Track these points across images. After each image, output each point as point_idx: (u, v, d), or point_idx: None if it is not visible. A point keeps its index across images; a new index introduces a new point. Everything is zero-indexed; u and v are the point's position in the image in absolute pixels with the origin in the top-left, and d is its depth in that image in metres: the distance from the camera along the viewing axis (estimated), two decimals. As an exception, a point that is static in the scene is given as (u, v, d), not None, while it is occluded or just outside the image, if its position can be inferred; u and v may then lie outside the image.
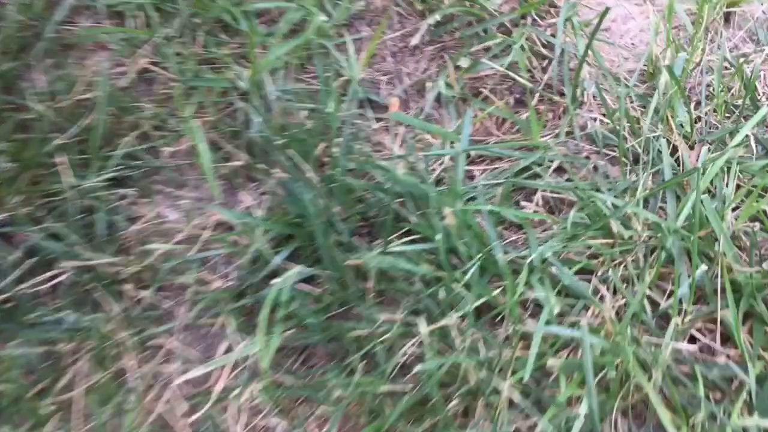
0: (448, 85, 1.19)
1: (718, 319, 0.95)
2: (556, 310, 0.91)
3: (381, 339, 0.93)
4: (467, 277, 0.94)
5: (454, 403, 0.89)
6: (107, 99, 1.14)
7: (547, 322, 0.91)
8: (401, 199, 1.04)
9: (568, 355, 0.92)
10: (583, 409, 0.85)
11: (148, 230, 1.08)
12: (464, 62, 1.22)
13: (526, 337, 0.92)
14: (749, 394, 0.89)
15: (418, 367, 0.87)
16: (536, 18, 1.27)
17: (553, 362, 0.88)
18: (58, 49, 1.23)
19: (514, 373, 0.88)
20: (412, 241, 1.01)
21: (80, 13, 1.30)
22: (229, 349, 0.97)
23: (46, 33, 1.22)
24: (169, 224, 1.10)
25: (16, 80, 1.17)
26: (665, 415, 0.86)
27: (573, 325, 0.92)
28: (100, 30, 1.25)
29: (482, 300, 0.94)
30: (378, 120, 1.19)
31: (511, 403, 0.88)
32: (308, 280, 1.01)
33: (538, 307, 0.96)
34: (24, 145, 1.08)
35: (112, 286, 1.01)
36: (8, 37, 1.21)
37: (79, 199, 1.05)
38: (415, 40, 1.25)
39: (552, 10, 1.28)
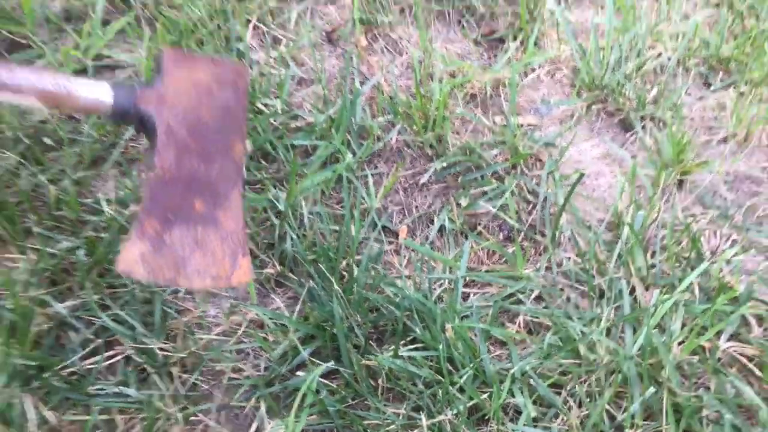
0: (450, 219, 1.44)
1: (663, 433, 1.16)
2: (533, 415, 1.12)
3: (388, 428, 1.13)
4: (461, 381, 1.15)
5: (445, 487, 1.08)
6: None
7: (524, 425, 1.13)
8: (408, 312, 1.26)
9: (540, 453, 1.12)
10: (550, 498, 1.05)
11: (192, 322, 1.28)
12: (464, 201, 1.46)
13: (506, 436, 1.13)
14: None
15: (422, 452, 1.07)
16: (524, 169, 1.53)
17: (528, 457, 1.08)
18: (126, 161, 1.46)
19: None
20: (416, 349, 1.22)
21: (143, 131, 1.53)
22: (258, 429, 1.16)
23: (117, 148, 1.46)
24: (209, 318, 1.30)
25: (91, 186, 1.40)
26: None
27: (546, 429, 1.13)
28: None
29: (473, 402, 1.15)
30: (389, 243, 1.42)
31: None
32: (325, 375, 1.22)
33: (517, 412, 1.17)
34: (96, 243, 1.28)
35: (163, 368, 1.20)
36: (84, 150, 1.44)
37: (140, 291, 1.26)
38: (423, 179, 1.50)
39: (538, 163, 1.54)
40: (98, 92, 1.05)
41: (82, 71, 1.62)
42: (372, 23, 1.75)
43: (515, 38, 1.76)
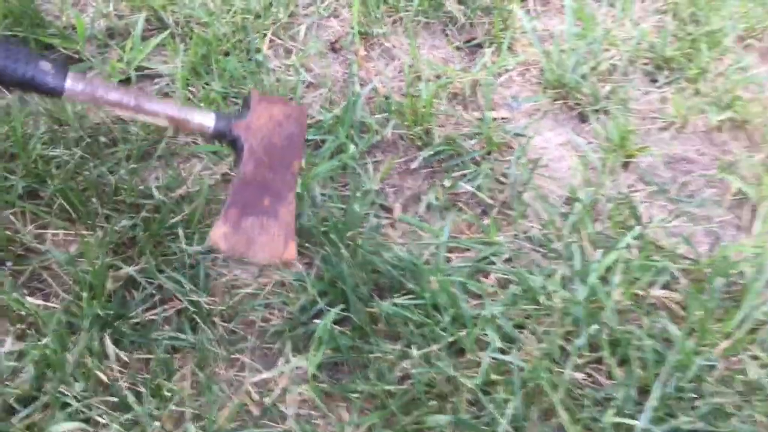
0: (436, 198, 1.75)
1: (604, 361, 1.47)
2: (498, 345, 1.44)
3: (387, 358, 1.45)
4: (444, 322, 1.47)
5: (432, 403, 1.40)
6: (204, 192, 1.68)
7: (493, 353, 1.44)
8: (402, 272, 1.58)
9: (506, 375, 1.44)
10: (510, 408, 1.37)
11: (229, 282, 1.60)
12: (447, 182, 1.78)
13: (479, 364, 1.44)
14: (618, 407, 1.41)
15: (412, 371, 1.39)
16: (498, 155, 1.84)
17: (496, 377, 1.40)
18: (168, 155, 1.78)
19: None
20: (408, 299, 1.54)
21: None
22: (285, 362, 1.48)
23: (160, 144, 1.77)
24: (242, 280, 1.62)
25: (141, 176, 1.72)
26: (564, 415, 1.37)
27: (511, 356, 1.45)
28: (196, 148, 1.80)
29: (453, 338, 1.47)
30: (386, 218, 1.73)
31: (468, 403, 1.39)
32: (337, 322, 1.53)
33: (488, 345, 1.49)
34: (151, 221, 1.60)
35: (208, 318, 1.52)
36: (134, 146, 1.76)
37: (187, 258, 1.58)
38: (413, 165, 1.82)
39: (509, 150, 1.86)
40: (205, 119, 1.46)
41: (126, 80, 1.93)
42: (369, 34, 2.07)
43: (491, 44, 2.07)
